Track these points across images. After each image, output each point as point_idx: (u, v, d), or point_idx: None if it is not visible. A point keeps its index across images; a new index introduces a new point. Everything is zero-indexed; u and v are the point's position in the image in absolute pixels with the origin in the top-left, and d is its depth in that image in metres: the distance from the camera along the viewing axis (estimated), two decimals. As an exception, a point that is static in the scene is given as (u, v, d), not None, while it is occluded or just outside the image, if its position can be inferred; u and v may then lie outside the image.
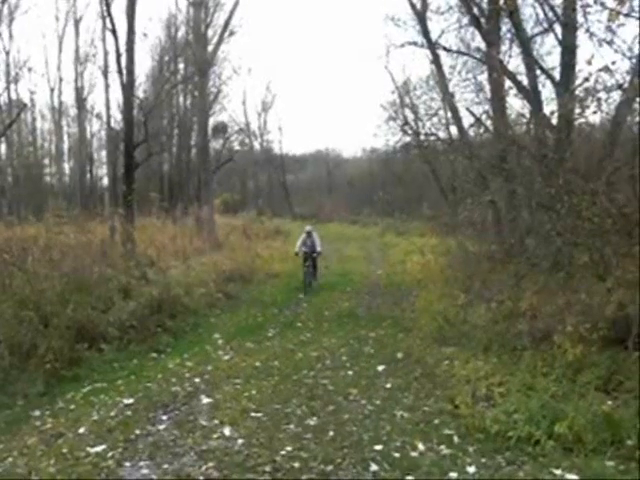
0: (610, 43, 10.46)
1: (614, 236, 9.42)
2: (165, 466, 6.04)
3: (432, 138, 25.29)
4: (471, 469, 5.59)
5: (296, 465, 5.89)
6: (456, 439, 6.48)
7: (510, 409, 6.75)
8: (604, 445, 5.92)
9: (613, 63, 10.32)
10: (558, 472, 5.57)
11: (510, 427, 6.42)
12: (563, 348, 7.94)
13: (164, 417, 7.50)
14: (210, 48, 30.07)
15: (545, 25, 15.20)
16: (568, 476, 5.47)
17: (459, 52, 18.13)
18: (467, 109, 18.21)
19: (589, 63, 10.76)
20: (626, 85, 10.93)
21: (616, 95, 11.12)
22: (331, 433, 6.75)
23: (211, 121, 37.84)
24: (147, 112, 21.67)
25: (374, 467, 5.68)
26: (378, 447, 6.27)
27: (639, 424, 6.13)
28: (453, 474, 5.52)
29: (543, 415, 6.40)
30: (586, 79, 10.87)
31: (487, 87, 17.03)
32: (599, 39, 10.82)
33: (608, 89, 10.47)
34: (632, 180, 9.89)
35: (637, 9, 10.51)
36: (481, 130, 16.01)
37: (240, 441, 6.60)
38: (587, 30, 11.78)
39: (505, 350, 8.73)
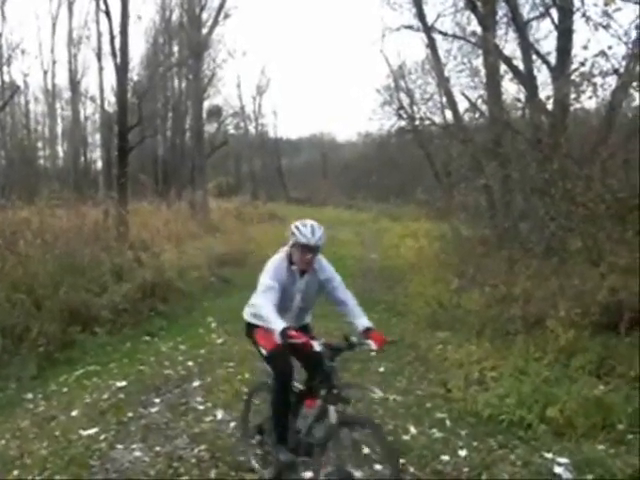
0: (606, 27, 10.44)
1: (608, 222, 9.43)
2: (157, 448, 6.06)
3: (427, 122, 25.26)
4: (463, 452, 5.62)
5: (288, 448, 5.91)
6: (448, 422, 6.51)
7: (502, 393, 6.78)
8: (595, 429, 5.94)
9: (609, 48, 10.31)
10: (549, 456, 5.60)
11: (502, 411, 6.45)
12: (555, 333, 7.95)
13: (157, 400, 7.53)
14: (205, 31, 29.94)
15: (541, 9, 15.17)
16: (559, 459, 5.50)
17: (455, 36, 18.06)
18: (462, 93, 18.17)
19: (585, 48, 10.75)
20: (622, 70, 10.92)
21: (612, 80, 11.12)
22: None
23: (206, 104, 37.78)
24: (141, 95, 21.55)
25: (365, 450, 5.69)
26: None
27: (630, 408, 6.17)
28: (445, 457, 5.55)
29: (535, 399, 6.42)
30: (582, 64, 10.85)
31: (482, 72, 16.98)
32: (595, 23, 10.78)
33: (604, 74, 10.45)
34: (626, 166, 9.90)
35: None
36: (476, 115, 15.95)
37: (232, 424, 6.62)
38: (583, 14, 11.77)
39: (498, 334, 8.74)
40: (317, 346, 4.68)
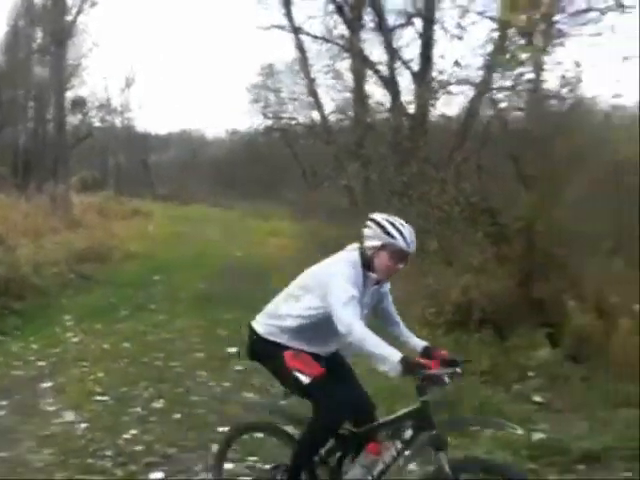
0: (460, 39, 10.96)
1: (461, 224, 9.87)
2: (1, 454, 5.77)
3: (293, 122, 25.51)
4: (314, 449, 5.70)
5: (139, 448, 5.82)
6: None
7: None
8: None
9: (461, 58, 10.88)
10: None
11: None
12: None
13: (4, 402, 7.17)
14: (69, 18, 28.96)
15: (406, 18, 15.66)
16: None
17: (322, 38, 18.30)
18: (329, 95, 18.46)
19: (442, 57, 11.28)
20: (479, 80, 11.51)
21: (472, 89, 11.71)
22: (177, 415, 6.71)
23: (70, 95, 36.53)
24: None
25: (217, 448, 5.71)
26: (223, 429, 6.27)
27: (476, 401, 6.49)
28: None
29: (386, 395, 6.60)
30: (440, 72, 11.36)
31: (349, 74, 17.31)
32: (452, 35, 11.32)
33: (459, 82, 10.97)
34: (478, 170, 10.39)
35: (489, 9, 11.11)
36: (341, 116, 16.29)
37: (83, 425, 6.42)
38: (442, 26, 12.32)
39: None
40: (446, 378, 3.57)
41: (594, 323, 8.32)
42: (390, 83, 14.45)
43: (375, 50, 16.67)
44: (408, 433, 3.74)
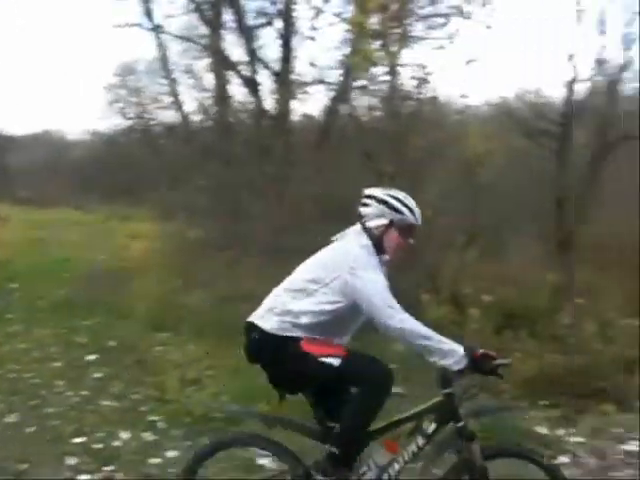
0: (313, 39, 11.17)
1: (319, 222, 10.05)
2: None
3: (154, 122, 25.11)
4: (172, 453, 5.64)
5: (-13, 467, 5.57)
6: (161, 425, 6.51)
7: (217, 391, 6.96)
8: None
9: (319, 59, 11.12)
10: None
11: (216, 408, 6.59)
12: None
13: None
14: None
15: (266, 18, 15.71)
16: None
17: (182, 37, 18.02)
18: (190, 95, 18.26)
19: (298, 58, 11.47)
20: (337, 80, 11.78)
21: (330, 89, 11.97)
22: (31, 429, 6.46)
23: None
24: None
25: (72, 461, 5.54)
26: (79, 439, 6.11)
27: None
28: (154, 460, 5.56)
29: (246, 395, 6.63)
30: (298, 73, 11.54)
31: (211, 74, 17.16)
32: (306, 36, 11.53)
33: (316, 82, 11.18)
34: (337, 168, 10.63)
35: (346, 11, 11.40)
36: (203, 116, 16.17)
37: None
38: (297, 27, 12.54)
39: (218, 334, 8.90)
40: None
41: (449, 315, 8.66)
42: (251, 83, 14.42)
43: (236, 50, 16.63)
44: (431, 427, 3.58)
